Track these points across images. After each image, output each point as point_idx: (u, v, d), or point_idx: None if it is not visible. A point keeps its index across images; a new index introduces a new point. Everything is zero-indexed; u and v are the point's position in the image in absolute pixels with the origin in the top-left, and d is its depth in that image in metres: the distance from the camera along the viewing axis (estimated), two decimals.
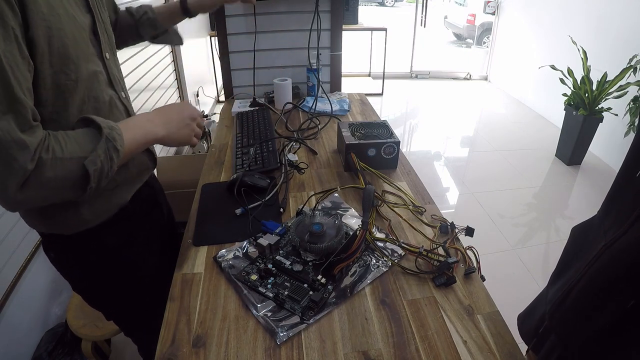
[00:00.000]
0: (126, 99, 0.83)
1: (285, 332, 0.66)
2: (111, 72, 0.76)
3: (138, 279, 0.90)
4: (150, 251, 0.92)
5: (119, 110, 0.78)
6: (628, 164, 0.55)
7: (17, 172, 0.53)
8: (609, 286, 0.52)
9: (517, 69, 4.71)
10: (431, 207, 1.00)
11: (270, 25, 1.65)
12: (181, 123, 0.77)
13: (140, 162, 0.85)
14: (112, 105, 0.75)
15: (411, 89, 5.10)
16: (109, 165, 0.62)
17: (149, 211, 0.92)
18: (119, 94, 0.79)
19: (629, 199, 0.52)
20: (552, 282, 0.67)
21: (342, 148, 1.19)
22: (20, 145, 0.53)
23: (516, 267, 2.13)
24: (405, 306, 0.72)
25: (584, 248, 0.61)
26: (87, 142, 0.61)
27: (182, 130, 0.77)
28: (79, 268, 0.84)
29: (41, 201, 0.61)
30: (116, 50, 0.83)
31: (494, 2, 5.16)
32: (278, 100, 1.63)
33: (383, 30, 4.40)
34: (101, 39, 0.73)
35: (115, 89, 0.78)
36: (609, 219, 0.56)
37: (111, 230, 0.81)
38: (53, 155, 0.56)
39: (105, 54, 0.74)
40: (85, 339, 1.27)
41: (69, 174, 0.58)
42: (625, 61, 2.77)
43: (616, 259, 0.50)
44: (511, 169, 3.13)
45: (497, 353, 0.64)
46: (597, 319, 0.52)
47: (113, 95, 0.76)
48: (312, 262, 0.79)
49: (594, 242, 0.58)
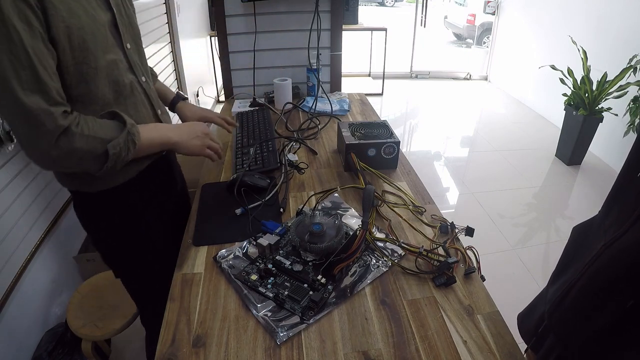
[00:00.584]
0: (146, 83, 0.92)
1: (285, 332, 0.66)
2: (131, 59, 0.86)
3: (151, 238, 0.99)
4: (164, 214, 1.02)
5: (139, 92, 0.89)
6: (630, 164, 0.55)
7: (45, 135, 0.67)
8: (608, 286, 0.52)
9: (517, 69, 4.70)
10: (431, 207, 1.00)
11: (270, 25, 1.65)
12: (193, 134, 0.91)
13: None
14: (132, 87, 0.86)
15: (411, 89, 5.10)
16: (126, 152, 0.77)
17: (164, 180, 1.02)
18: (139, 78, 0.89)
19: (630, 199, 0.52)
20: (552, 282, 0.67)
21: (342, 148, 1.19)
22: (46, 113, 0.66)
23: (516, 267, 2.13)
24: (405, 306, 0.72)
25: (584, 248, 0.61)
26: (112, 129, 0.76)
27: (194, 140, 0.91)
28: (99, 224, 0.95)
29: (67, 167, 0.76)
30: (141, 41, 0.93)
31: (494, 2, 5.15)
32: (278, 100, 1.63)
33: (383, 30, 4.39)
34: (122, 32, 0.83)
35: (136, 74, 0.88)
36: (610, 219, 0.56)
37: (129, 193, 0.91)
38: (81, 131, 0.71)
39: (126, 45, 0.85)
40: (85, 339, 1.27)
41: (92, 150, 0.73)
42: (625, 61, 2.77)
43: (616, 258, 0.50)
44: (511, 169, 3.13)
45: (497, 353, 0.64)
46: (597, 319, 0.52)
47: (133, 80, 0.87)
48: (312, 262, 0.79)
49: (594, 242, 0.58)
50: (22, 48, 0.63)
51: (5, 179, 1.28)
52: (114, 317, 1.28)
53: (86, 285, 1.39)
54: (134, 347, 1.56)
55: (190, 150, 0.90)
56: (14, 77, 0.63)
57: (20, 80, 0.64)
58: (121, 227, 0.95)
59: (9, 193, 1.30)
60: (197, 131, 0.92)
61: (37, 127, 0.66)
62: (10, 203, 1.30)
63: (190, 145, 0.90)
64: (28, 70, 0.64)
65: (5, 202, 1.28)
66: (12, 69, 0.63)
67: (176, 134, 0.89)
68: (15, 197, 1.33)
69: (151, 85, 0.95)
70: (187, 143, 0.90)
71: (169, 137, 0.87)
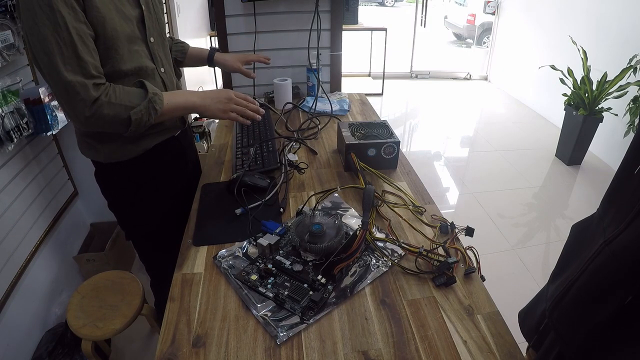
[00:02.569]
0: (165, 73, 1.01)
1: (285, 332, 0.66)
2: (153, 52, 0.96)
3: (156, 211, 1.09)
4: (173, 188, 1.10)
5: (157, 82, 0.98)
6: (627, 161, 0.55)
7: (80, 102, 0.79)
8: (608, 282, 0.52)
9: (517, 69, 4.70)
10: (431, 207, 1.00)
11: (270, 25, 1.65)
12: (216, 99, 0.96)
13: (166, 123, 1.01)
14: (153, 75, 0.97)
15: (411, 89, 5.10)
16: (147, 118, 0.87)
17: (174, 160, 1.10)
18: (158, 69, 0.99)
19: (628, 195, 0.52)
20: (552, 280, 0.67)
21: (342, 148, 1.19)
22: (82, 85, 0.78)
23: (516, 267, 2.13)
24: (405, 306, 0.72)
25: (584, 245, 0.61)
26: (136, 97, 0.86)
27: (217, 104, 0.96)
28: (110, 191, 1.07)
29: (100, 127, 0.86)
30: (165, 35, 1.02)
31: (494, 2, 5.15)
32: (278, 100, 1.63)
33: (383, 30, 4.39)
34: (147, 27, 0.94)
35: (156, 65, 0.98)
36: (609, 216, 0.56)
37: (135, 169, 1.01)
38: (108, 100, 0.82)
39: (150, 39, 0.95)
40: (85, 339, 1.27)
41: (118, 115, 0.84)
42: (625, 61, 2.77)
43: (615, 255, 0.51)
44: (511, 169, 3.13)
45: (497, 353, 0.64)
46: (596, 315, 0.53)
47: (152, 69, 0.96)
48: (312, 262, 0.79)
49: (593, 239, 0.58)
50: (65, 29, 0.75)
51: (5, 179, 1.28)
52: (114, 317, 1.28)
53: (86, 285, 1.39)
54: (134, 347, 1.56)
55: (213, 114, 0.96)
56: (58, 53, 0.75)
57: (63, 57, 0.76)
58: (128, 197, 1.06)
59: (9, 193, 1.30)
60: (220, 97, 0.96)
61: (74, 96, 0.79)
62: (10, 203, 1.30)
63: (213, 109, 0.96)
64: (70, 48, 0.76)
65: (5, 202, 1.28)
66: (57, 46, 0.75)
67: (200, 98, 0.95)
68: (15, 197, 1.33)
69: (170, 77, 1.04)
70: (210, 106, 0.96)
71: (192, 102, 0.95)
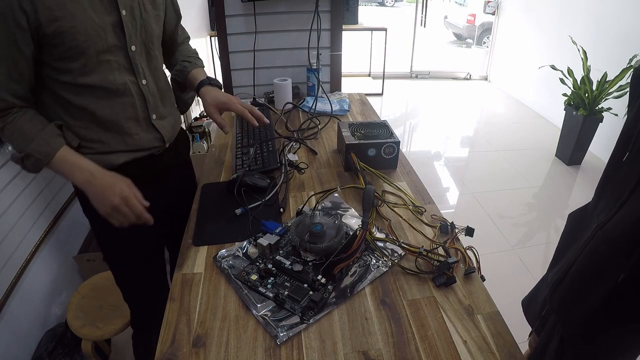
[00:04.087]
0: (147, 86, 0.91)
1: (285, 332, 0.66)
2: (135, 61, 0.87)
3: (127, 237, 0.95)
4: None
5: (132, 94, 0.89)
6: (616, 151, 0.58)
7: None
8: (601, 264, 0.55)
9: (517, 69, 4.70)
10: (431, 207, 1.00)
11: (270, 25, 1.65)
12: (108, 190, 0.79)
13: (138, 141, 0.92)
14: (125, 88, 0.87)
15: (411, 89, 5.10)
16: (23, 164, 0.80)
17: (150, 178, 0.97)
18: (139, 81, 0.89)
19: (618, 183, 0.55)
20: (552, 266, 0.69)
21: (342, 148, 1.19)
22: None
23: (516, 267, 2.13)
24: (405, 306, 0.72)
25: (579, 232, 0.63)
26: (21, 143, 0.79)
27: (102, 198, 0.79)
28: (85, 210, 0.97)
29: None
30: (152, 45, 0.92)
31: (494, 2, 5.15)
32: (278, 100, 1.63)
33: (383, 30, 4.39)
34: (128, 34, 0.84)
35: (137, 77, 0.89)
36: (601, 204, 0.59)
37: None
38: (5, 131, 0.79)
39: (130, 47, 0.85)
40: (85, 339, 1.27)
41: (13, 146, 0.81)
42: (625, 61, 2.77)
43: (608, 238, 0.53)
44: (511, 169, 3.13)
45: (497, 353, 0.64)
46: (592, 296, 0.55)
47: (130, 81, 0.88)
48: (312, 262, 0.79)
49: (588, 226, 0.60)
50: None
51: (5, 179, 1.28)
52: (114, 317, 1.28)
53: (86, 285, 1.39)
54: None
55: (94, 204, 0.80)
56: None
57: None
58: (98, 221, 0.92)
59: (9, 193, 1.30)
60: (114, 192, 0.78)
61: None
62: (10, 203, 1.30)
63: (95, 200, 0.80)
64: None
65: (5, 202, 1.28)
66: None
67: (84, 182, 0.79)
68: (15, 197, 1.33)
69: (153, 90, 0.94)
70: (94, 195, 0.80)
71: (74, 178, 0.80)
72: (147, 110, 0.93)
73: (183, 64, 1.08)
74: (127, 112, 0.89)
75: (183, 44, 1.13)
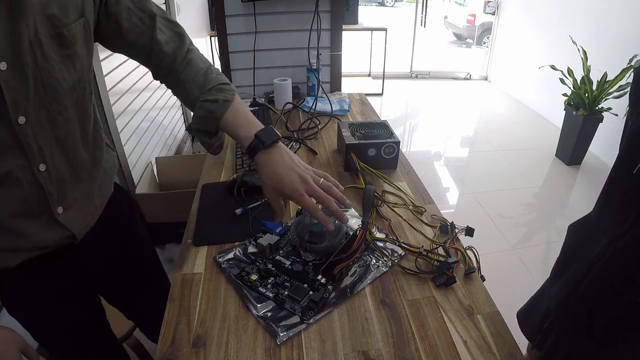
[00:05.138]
0: (45, 172, 0.63)
1: (285, 332, 0.66)
2: (24, 138, 0.58)
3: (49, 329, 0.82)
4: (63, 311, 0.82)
5: (22, 185, 0.61)
6: (623, 160, 0.54)
7: None
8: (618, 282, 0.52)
9: (517, 69, 4.71)
10: (431, 207, 1.00)
11: (270, 25, 1.65)
12: None
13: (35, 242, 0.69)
14: (10, 178, 0.60)
15: (411, 89, 5.10)
16: None
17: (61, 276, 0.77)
18: (32, 165, 0.61)
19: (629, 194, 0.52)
20: (554, 279, 0.67)
21: (342, 148, 1.19)
22: None
23: (516, 267, 2.13)
24: (405, 306, 0.72)
25: (584, 245, 0.61)
26: None
27: None
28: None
29: None
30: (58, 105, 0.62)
31: (494, 2, 5.16)
32: (278, 100, 1.63)
33: (383, 30, 4.40)
34: (8, 99, 0.54)
35: (29, 159, 0.60)
36: (608, 216, 0.56)
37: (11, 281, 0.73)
38: None
39: (18, 118, 0.56)
40: None
41: None
42: (625, 61, 2.77)
43: (623, 255, 0.51)
44: (511, 169, 3.13)
45: (497, 353, 0.64)
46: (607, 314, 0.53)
47: (18, 166, 0.60)
48: (312, 262, 0.79)
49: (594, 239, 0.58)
50: None
51: None
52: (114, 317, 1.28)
53: None
54: None
55: None
56: None
57: None
58: None
59: None
60: None
61: None
62: None
63: None
64: None
65: None
66: None
67: None
68: None
69: (60, 171, 0.66)
70: None
71: None
72: (47, 204, 0.66)
73: (205, 107, 0.74)
74: (14, 208, 0.63)
75: (186, 60, 0.77)
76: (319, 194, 0.70)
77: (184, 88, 0.77)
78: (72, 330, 0.85)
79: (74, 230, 0.72)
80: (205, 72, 0.77)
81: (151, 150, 2.27)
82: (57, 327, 0.83)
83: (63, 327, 0.84)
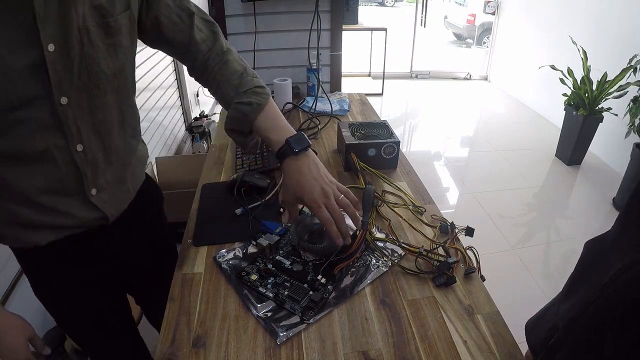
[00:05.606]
0: (82, 152, 0.66)
1: (285, 332, 0.66)
2: (64, 117, 0.61)
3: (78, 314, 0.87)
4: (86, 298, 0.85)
5: (58, 164, 0.64)
6: None
7: None
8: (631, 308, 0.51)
9: (517, 69, 4.71)
10: (431, 207, 1.00)
11: (270, 25, 1.65)
12: None
13: (69, 220, 0.71)
14: (46, 156, 0.62)
15: (411, 89, 5.10)
16: None
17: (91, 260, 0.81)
18: (70, 145, 0.64)
19: None
20: (565, 296, 0.66)
21: (342, 148, 1.19)
22: None
23: (516, 267, 2.13)
24: (405, 306, 0.72)
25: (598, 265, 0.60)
26: None
27: None
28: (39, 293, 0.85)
29: None
30: (99, 91, 0.65)
31: (494, 2, 5.16)
32: (278, 100, 1.63)
33: (383, 30, 4.40)
34: (54, 79, 0.57)
35: (67, 139, 0.63)
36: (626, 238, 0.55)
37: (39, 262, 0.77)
38: None
39: (60, 99, 0.59)
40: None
41: None
42: (625, 61, 2.77)
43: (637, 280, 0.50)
44: (511, 169, 3.13)
45: (497, 353, 0.64)
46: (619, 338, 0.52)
47: (57, 146, 0.62)
48: (312, 262, 0.79)
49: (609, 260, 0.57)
50: None
51: None
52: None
53: None
54: None
55: None
56: None
57: None
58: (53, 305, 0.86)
59: None
60: None
61: None
62: None
63: None
64: None
65: None
66: None
67: None
68: None
69: (96, 159, 0.69)
70: None
71: None
72: (82, 184, 0.69)
73: (239, 109, 0.76)
74: (50, 186, 0.66)
75: (223, 60, 0.79)
76: (334, 210, 0.72)
77: (219, 88, 0.80)
78: (95, 317, 0.88)
79: (106, 212, 0.75)
80: (241, 74, 0.79)
81: (151, 150, 2.27)
82: (81, 313, 0.86)
83: (87, 314, 0.87)
